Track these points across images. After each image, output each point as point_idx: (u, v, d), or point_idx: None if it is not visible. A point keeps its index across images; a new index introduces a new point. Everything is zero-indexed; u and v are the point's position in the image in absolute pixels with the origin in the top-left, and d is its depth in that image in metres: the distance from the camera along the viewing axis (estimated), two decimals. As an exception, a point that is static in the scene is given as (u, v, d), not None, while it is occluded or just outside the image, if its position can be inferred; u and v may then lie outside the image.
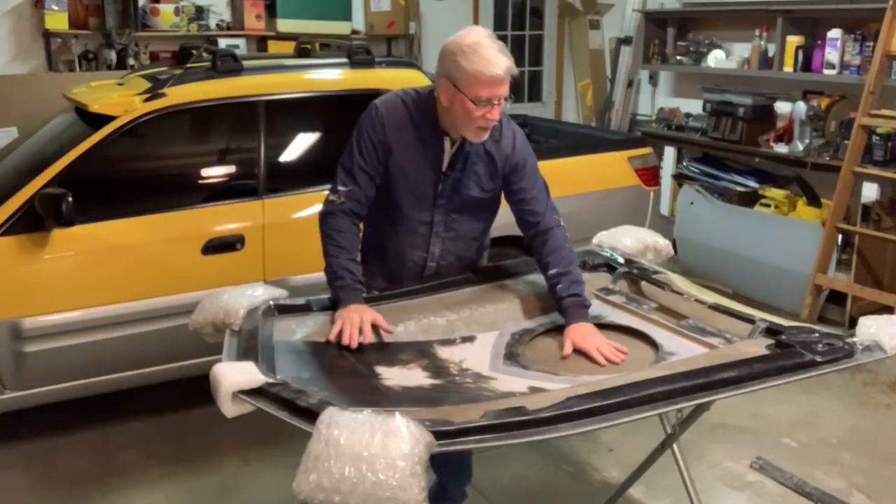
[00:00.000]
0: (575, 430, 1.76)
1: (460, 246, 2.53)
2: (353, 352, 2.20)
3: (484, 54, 2.17)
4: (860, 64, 4.89)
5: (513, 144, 2.44)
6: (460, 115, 2.25)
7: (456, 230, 2.49)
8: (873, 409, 3.79)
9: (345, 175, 2.38)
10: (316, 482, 1.56)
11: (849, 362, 1.98)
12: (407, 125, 2.36)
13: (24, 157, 3.54)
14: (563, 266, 2.40)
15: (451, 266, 2.55)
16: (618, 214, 3.68)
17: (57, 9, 5.20)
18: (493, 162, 2.42)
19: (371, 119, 2.36)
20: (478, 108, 2.21)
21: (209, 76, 3.46)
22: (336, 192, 2.38)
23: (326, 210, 2.40)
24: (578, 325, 2.28)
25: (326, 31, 5.99)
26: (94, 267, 3.15)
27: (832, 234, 4.66)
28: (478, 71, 2.16)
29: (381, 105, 2.38)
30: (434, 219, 2.44)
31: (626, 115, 6.88)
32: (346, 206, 2.37)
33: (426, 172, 2.39)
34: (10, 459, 3.30)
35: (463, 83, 2.19)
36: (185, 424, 3.55)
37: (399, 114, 2.36)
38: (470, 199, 2.45)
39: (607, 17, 7.14)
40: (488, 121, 2.25)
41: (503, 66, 2.18)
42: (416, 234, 2.47)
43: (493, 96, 2.20)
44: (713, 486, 3.13)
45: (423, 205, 2.42)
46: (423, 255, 2.50)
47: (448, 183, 2.41)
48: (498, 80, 2.18)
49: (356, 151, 2.37)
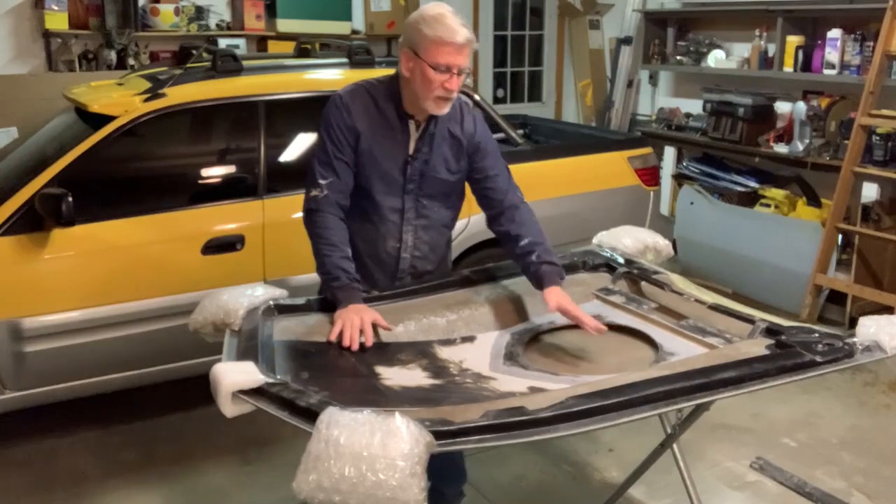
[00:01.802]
0: (575, 430, 1.76)
1: (433, 235, 2.54)
2: (353, 352, 2.20)
3: (446, 23, 2.27)
4: (860, 64, 4.89)
5: (474, 125, 2.52)
6: (420, 83, 2.31)
7: (427, 217, 2.50)
8: (873, 409, 3.79)
9: (322, 168, 2.39)
10: (316, 482, 1.56)
11: (849, 362, 1.98)
12: (371, 110, 2.40)
13: (24, 157, 3.54)
14: (534, 237, 2.45)
15: (425, 258, 2.55)
16: (618, 214, 3.69)
17: (57, 9, 5.20)
18: (457, 143, 2.48)
19: (336, 108, 2.40)
20: (438, 74, 2.28)
21: (209, 76, 3.47)
22: (317, 187, 2.38)
23: (310, 208, 2.40)
24: (556, 288, 2.35)
25: (326, 31, 5.99)
26: (94, 267, 3.15)
27: (832, 234, 4.66)
28: (438, 37, 2.26)
29: (343, 94, 2.42)
30: (405, 205, 2.46)
31: (626, 115, 6.88)
32: (331, 198, 2.38)
33: (394, 156, 2.42)
34: (11, 459, 3.31)
35: (423, 50, 2.28)
36: (185, 424, 3.55)
37: (363, 100, 2.41)
38: (438, 182, 2.48)
39: (607, 17, 7.14)
40: (448, 91, 2.31)
41: (463, 34, 2.28)
42: (389, 223, 2.46)
43: (452, 64, 2.28)
44: (713, 486, 3.13)
45: (393, 190, 2.44)
46: (396, 244, 2.49)
47: (416, 165, 2.44)
48: (457, 46, 2.27)
49: (328, 143, 2.39)
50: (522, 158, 3.92)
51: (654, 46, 6.38)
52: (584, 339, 2.36)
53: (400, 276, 2.53)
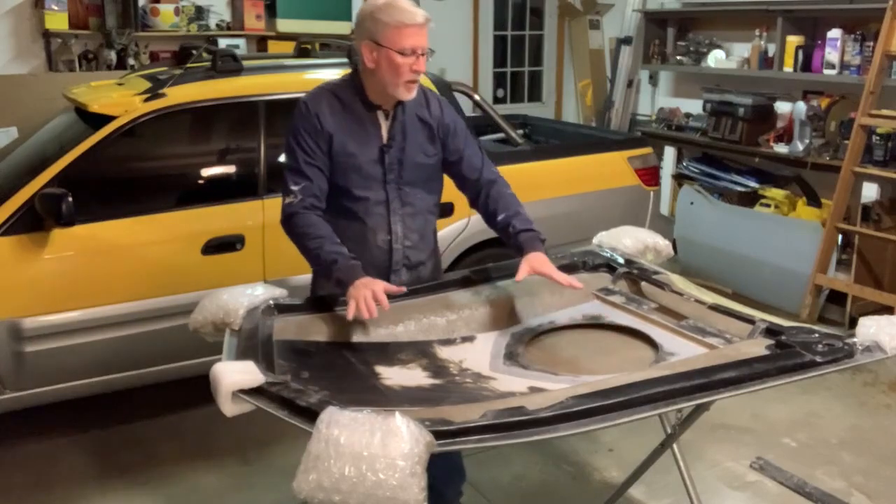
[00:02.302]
0: (575, 430, 1.76)
1: (420, 222, 2.54)
2: (353, 352, 2.20)
3: (401, 6, 2.30)
4: (860, 64, 4.89)
5: (440, 108, 2.55)
6: (388, 72, 2.33)
7: (412, 204, 2.51)
8: (873, 409, 3.79)
9: (293, 175, 2.40)
10: (316, 482, 1.56)
11: (849, 362, 1.98)
12: (338, 109, 2.42)
13: (24, 157, 3.54)
14: (512, 208, 2.50)
15: (415, 247, 2.55)
16: (618, 214, 3.69)
17: (57, 9, 5.20)
18: (427, 126, 2.50)
19: (302, 115, 2.41)
20: (404, 59, 2.30)
21: (209, 76, 3.47)
22: (290, 194, 2.39)
23: (287, 214, 2.40)
24: (536, 253, 2.39)
25: (326, 31, 5.99)
26: (94, 267, 3.15)
27: (832, 234, 4.66)
28: (399, 22, 2.28)
29: (307, 99, 2.44)
30: (388, 196, 2.46)
31: (626, 115, 6.88)
32: (307, 202, 2.38)
33: (369, 148, 2.43)
34: (10, 459, 3.31)
35: (386, 38, 2.30)
36: (185, 424, 3.55)
37: (327, 101, 2.42)
38: (417, 168, 2.49)
39: (607, 17, 7.14)
40: (415, 73, 2.34)
41: (421, 14, 2.31)
42: (376, 216, 2.47)
43: (417, 46, 2.31)
44: (713, 486, 3.13)
45: (373, 183, 2.45)
46: (386, 237, 2.49)
47: (393, 154, 2.45)
48: (419, 27, 2.31)
49: (297, 149, 2.40)
50: (522, 158, 3.93)
51: (654, 46, 6.38)
52: (585, 338, 2.37)
53: (395, 269, 2.53)
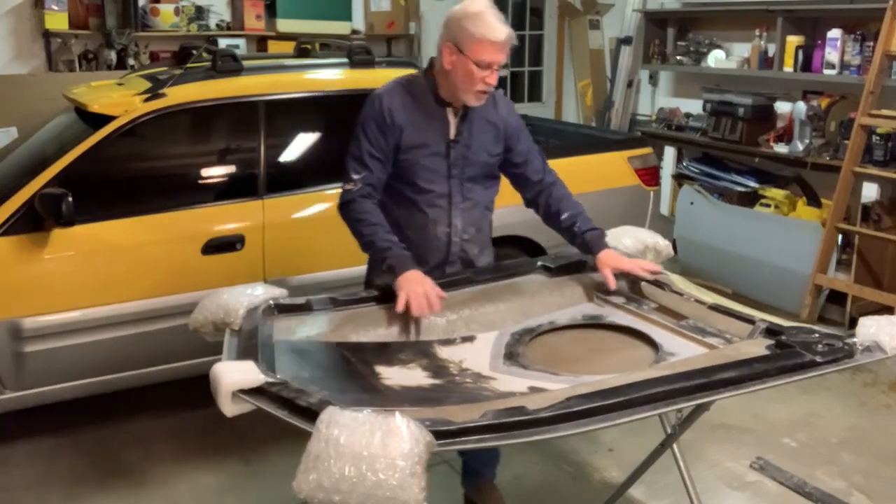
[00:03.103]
0: (575, 430, 1.76)
1: (477, 216, 2.63)
2: (353, 352, 2.20)
3: (489, 20, 2.35)
4: (860, 64, 4.89)
5: (508, 110, 2.65)
6: (461, 78, 2.41)
7: (472, 199, 2.60)
8: (873, 409, 3.79)
9: (356, 164, 2.48)
10: (316, 482, 1.56)
11: (849, 363, 1.98)
12: (410, 104, 2.49)
13: (24, 157, 3.54)
14: (574, 209, 2.66)
15: (472, 240, 2.64)
16: (618, 214, 3.68)
17: (57, 9, 5.20)
18: (494, 127, 2.59)
19: (374, 108, 2.48)
20: (479, 70, 2.37)
21: (209, 76, 3.46)
22: (350, 181, 2.47)
23: (345, 200, 2.48)
24: (607, 251, 2.56)
25: (326, 31, 5.99)
26: (94, 267, 3.15)
27: (832, 234, 4.66)
28: (483, 35, 2.34)
29: (381, 92, 2.51)
30: (451, 190, 2.55)
31: (626, 115, 6.88)
32: (365, 190, 2.46)
33: (437, 144, 2.51)
34: (10, 459, 3.30)
35: (467, 47, 2.36)
36: (185, 424, 3.55)
37: (400, 95, 2.50)
38: (479, 165, 2.58)
39: (607, 17, 7.14)
40: (487, 85, 2.41)
41: (505, 32, 2.37)
42: (437, 209, 2.55)
43: (494, 61, 2.38)
44: (713, 486, 3.13)
45: (438, 177, 2.53)
46: (446, 229, 2.58)
47: (458, 150, 2.53)
48: (499, 45, 2.36)
49: (364, 140, 2.47)
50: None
51: (654, 46, 6.38)
52: (585, 338, 2.37)
53: (451, 261, 2.62)
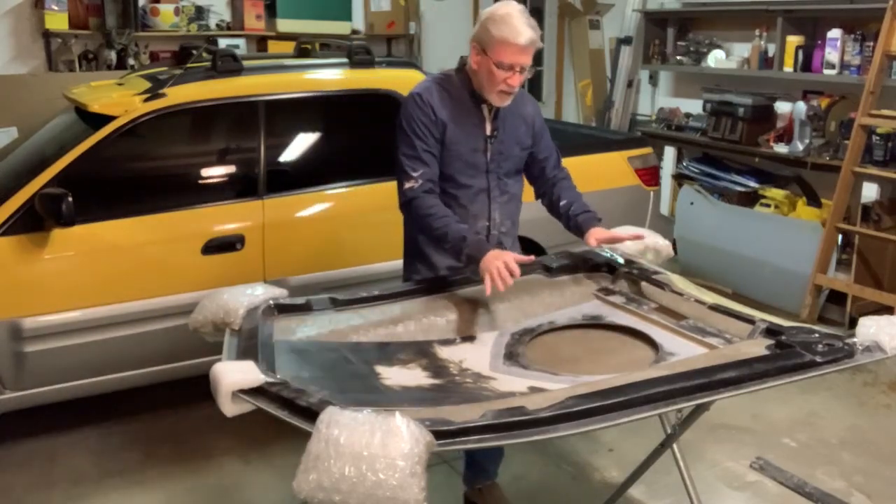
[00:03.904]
0: (575, 430, 1.76)
1: (512, 209, 2.71)
2: (353, 352, 2.20)
3: (512, 24, 2.40)
4: (860, 64, 4.88)
5: (534, 107, 2.76)
6: (485, 77, 2.48)
7: (508, 193, 2.68)
8: (873, 409, 3.79)
9: (412, 162, 2.51)
10: (316, 481, 1.56)
11: (849, 363, 1.99)
12: (448, 101, 2.55)
13: (24, 157, 3.54)
14: (575, 196, 2.73)
15: (508, 233, 2.71)
16: (618, 214, 3.68)
17: (57, 9, 5.21)
18: (525, 123, 2.68)
19: (416, 106, 2.53)
20: (500, 72, 2.43)
21: (209, 76, 3.46)
22: (411, 179, 2.50)
23: (408, 199, 2.51)
24: (594, 228, 2.60)
25: (326, 31, 6.00)
26: (94, 267, 3.15)
27: (832, 234, 4.66)
28: (503, 38, 2.40)
29: (420, 90, 2.57)
30: (490, 184, 2.62)
31: (626, 115, 6.88)
32: (427, 186, 2.50)
33: (476, 139, 2.58)
34: (10, 459, 3.30)
35: (489, 48, 2.43)
36: (185, 424, 3.55)
37: (439, 93, 2.55)
38: (513, 160, 2.66)
39: (607, 17, 7.14)
40: (509, 86, 2.47)
41: (527, 36, 2.41)
42: (478, 203, 2.61)
43: (515, 63, 2.43)
44: (713, 486, 3.13)
45: (477, 172, 2.59)
46: (486, 223, 2.63)
47: (495, 146, 2.60)
48: (520, 48, 2.41)
49: (414, 138, 2.51)
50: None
51: (654, 46, 6.38)
52: (585, 338, 2.37)
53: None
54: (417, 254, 2.67)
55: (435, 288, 2.52)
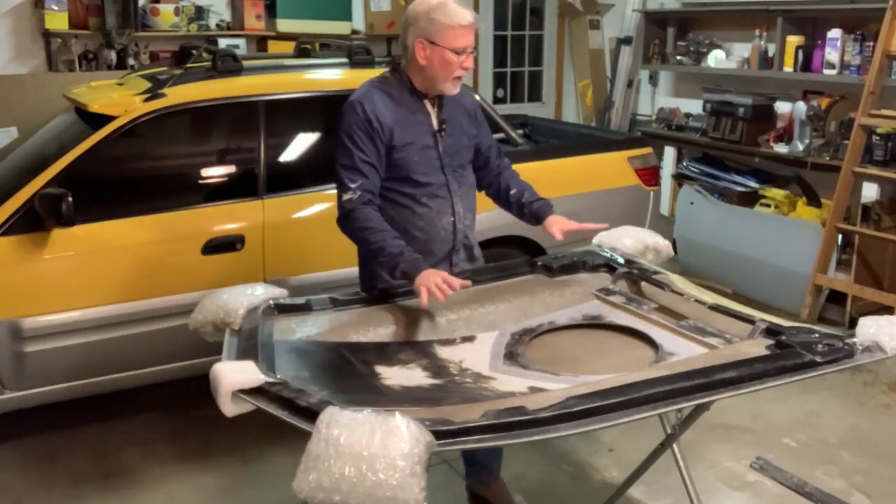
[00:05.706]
0: (575, 430, 1.76)
1: (471, 201, 2.71)
2: (353, 352, 2.20)
3: (455, 8, 2.46)
4: (860, 64, 4.88)
5: (473, 100, 2.79)
6: (439, 68, 2.48)
7: (465, 184, 2.68)
8: (873, 409, 3.79)
9: (349, 173, 2.46)
10: (316, 481, 1.56)
11: (849, 363, 1.99)
12: (390, 102, 2.51)
13: (24, 157, 3.54)
14: (523, 185, 2.76)
15: (470, 226, 2.71)
16: (618, 214, 3.68)
17: (57, 9, 5.20)
18: (466, 112, 2.69)
19: (356, 114, 2.48)
20: (456, 57, 2.46)
21: (209, 76, 3.46)
22: (348, 191, 2.46)
23: (345, 211, 2.46)
24: (554, 216, 2.64)
25: (326, 31, 5.99)
26: (94, 267, 3.15)
27: (832, 234, 4.66)
28: (456, 23, 2.44)
29: (360, 98, 2.51)
30: (447, 178, 2.61)
31: (626, 115, 6.88)
32: (365, 198, 2.46)
33: (426, 137, 2.56)
34: (10, 459, 3.30)
35: (439, 37, 2.44)
36: (185, 424, 3.55)
37: (379, 98, 2.51)
38: (464, 151, 2.68)
39: (607, 17, 7.14)
40: (464, 70, 2.50)
41: (471, 15, 2.48)
42: (439, 199, 2.59)
43: (468, 45, 2.48)
44: (713, 486, 3.13)
45: (433, 169, 2.58)
46: (451, 218, 2.62)
47: (446, 139, 2.59)
48: (470, 27, 2.47)
49: (352, 147, 2.46)
50: (522, 158, 3.91)
51: (654, 46, 6.38)
52: (585, 338, 2.37)
53: (456, 249, 2.67)
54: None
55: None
